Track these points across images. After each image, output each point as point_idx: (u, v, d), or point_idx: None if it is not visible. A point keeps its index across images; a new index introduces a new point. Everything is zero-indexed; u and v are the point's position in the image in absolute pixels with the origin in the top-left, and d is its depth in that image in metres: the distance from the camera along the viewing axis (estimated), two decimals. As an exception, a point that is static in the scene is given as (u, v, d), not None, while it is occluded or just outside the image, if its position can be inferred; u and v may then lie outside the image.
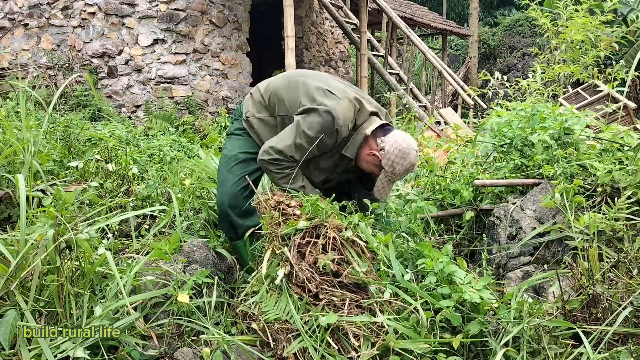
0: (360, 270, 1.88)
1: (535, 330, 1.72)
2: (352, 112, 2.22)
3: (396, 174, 2.22)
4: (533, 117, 2.82)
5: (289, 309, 1.84)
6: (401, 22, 8.77)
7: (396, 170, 2.20)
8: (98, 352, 1.59)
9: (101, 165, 3.32)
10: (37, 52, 6.96)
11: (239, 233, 2.40)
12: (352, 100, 2.23)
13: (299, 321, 1.79)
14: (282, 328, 1.83)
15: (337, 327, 1.77)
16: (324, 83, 2.30)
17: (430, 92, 11.52)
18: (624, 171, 2.28)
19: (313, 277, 1.86)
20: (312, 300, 1.85)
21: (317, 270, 1.87)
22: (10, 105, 4.08)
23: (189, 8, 6.63)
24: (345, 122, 2.19)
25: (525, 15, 13.39)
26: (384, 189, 2.28)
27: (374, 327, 1.77)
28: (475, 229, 2.78)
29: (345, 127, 2.20)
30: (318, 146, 2.20)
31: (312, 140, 2.18)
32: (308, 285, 1.84)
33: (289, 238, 1.96)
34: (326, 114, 2.17)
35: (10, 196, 2.61)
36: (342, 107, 2.20)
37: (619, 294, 1.77)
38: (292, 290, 1.88)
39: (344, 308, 1.81)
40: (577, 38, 4.56)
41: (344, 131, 2.20)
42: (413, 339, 1.72)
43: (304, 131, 2.18)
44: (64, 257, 1.73)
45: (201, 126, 6.40)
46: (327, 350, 1.73)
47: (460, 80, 8.83)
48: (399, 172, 2.21)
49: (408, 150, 2.18)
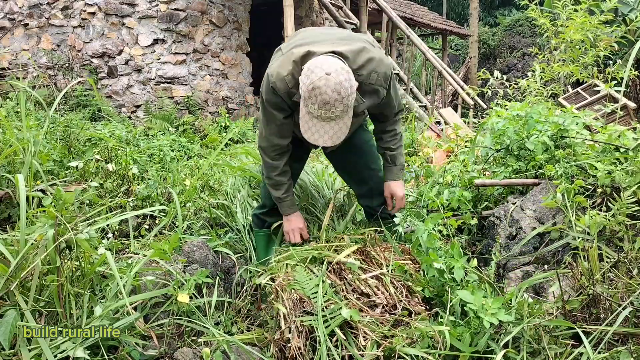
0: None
1: (535, 330, 1.72)
2: (289, 66, 1.94)
3: (309, 106, 1.82)
4: (528, 122, 2.81)
5: (317, 288, 1.86)
6: (401, 22, 8.77)
7: (309, 103, 1.81)
8: (98, 352, 1.59)
9: (101, 165, 3.32)
10: (37, 52, 6.96)
11: (267, 222, 2.44)
12: (293, 54, 1.96)
13: (320, 299, 1.81)
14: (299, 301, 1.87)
15: (350, 324, 1.79)
16: (294, 40, 2.08)
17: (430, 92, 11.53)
18: (624, 172, 2.28)
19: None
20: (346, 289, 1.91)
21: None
22: (10, 105, 4.08)
23: (189, 8, 6.63)
24: (280, 77, 1.94)
25: (525, 15, 13.39)
26: (307, 125, 1.87)
27: (387, 334, 1.77)
28: (475, 232, 2.77)
29: (281, 81, 1.94)
30: (278, 107, 2.01)
31: (265, 110, 2.04)
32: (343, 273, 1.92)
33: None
34: (265, 77, 2.02)
35: (10, 196, 2.61)
36: (278, 64, 1.97)
37: (619, 294, 1.77)
38: (330, 277, 1.94)
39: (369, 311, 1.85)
40: (576, 38, 4.56)
41: (280, 87, 1.95)
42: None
43: (261, 108, 2.08)
44: (64, 257, 1.73)
45: (201, 126, 6.40)
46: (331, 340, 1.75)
47: (460, 80, 8.83)
48: (312, 104, 1.80)
49: (319, 82, 1.76)
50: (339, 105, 1.79)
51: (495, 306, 1.74)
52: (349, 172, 2.46)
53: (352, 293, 1.91)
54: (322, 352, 1.70)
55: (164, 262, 2.02)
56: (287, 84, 1.95)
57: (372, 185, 2.42)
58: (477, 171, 3.00)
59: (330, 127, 1.85)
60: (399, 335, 1.74)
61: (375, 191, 2.42)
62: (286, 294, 1.88)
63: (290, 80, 1.94)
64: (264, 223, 2.47)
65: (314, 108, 1.80)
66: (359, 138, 2.41)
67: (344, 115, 1.85)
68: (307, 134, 1.88)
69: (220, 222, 2.81)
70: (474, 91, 6.03)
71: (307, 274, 1.96)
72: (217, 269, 2.37)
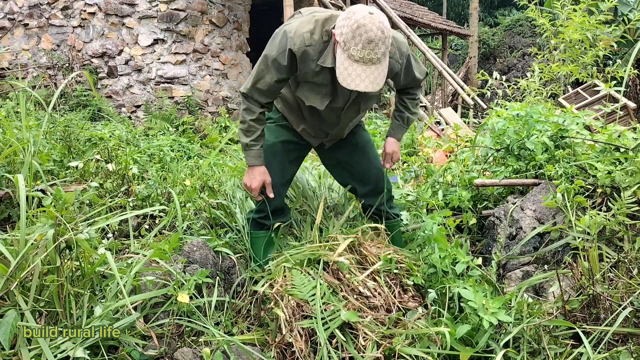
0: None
1: (535, 330, 1.72)
2: (311, 25, 2.01)
3: (352, 48, 1.83)
4: (528, 122, 2.81)
5: (315, 291, 1.87)
6: (401, 22, 8.77)
7: (352, 45, 1.82)
8: (98, 352, 1.59)
9: (101, 165, 3.32)
10: (37, 52, 6.96)
11: (265, 225, 2.43)
12: (315, 16, 2.04)
13: (319, 302, 1.81)
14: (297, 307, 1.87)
15: (350, 325, 1.80)
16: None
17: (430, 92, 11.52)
18: (624, 172, 2.28)
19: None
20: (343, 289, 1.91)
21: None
22: (10, 105, 4.08)
23: (189, 8, 6.63)
24: (298, 32, 1.98)
25: (525, 15, 13.39)
26: (346, 71, 1.88)
27: (386, 334, 1.78)
28: (475, 232, 2.78)
29: (299, 36, 1.98)
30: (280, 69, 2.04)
31: (264, 65, 2.05)
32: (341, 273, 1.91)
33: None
34: (278, 34, 2.07)
35: (10, 196, 2.61)
36: (298, 22, 2.02)
37: (619, 294, 1.77)
38: (327, 278, 1.94)
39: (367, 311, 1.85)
40: (575, 38, 4.57)
41: (297, 42, 1.98)
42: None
43: (259, 63, 2.10)
44: (64, 257, 1.73)
45: (201, 126, 6.41)
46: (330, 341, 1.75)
47: (460, 80, 8.83)
48: (356, 45, 1.82)
49: (364, 21, 1.80)
50: (382, 46, 1.82)
51: (495, 306, 1.75)
52: (352, 172, 2.46)
53: (351, 293, 1.91)
54: (322, 354, 1.71)
55: (164, 262, 2.02)
56: (305, 41, 1.98)
57: (375, 184, 2.44)
58: (477, 171, 3.00)
59: (371, 71, 1.86)
60: (399, 335, 1.75)
61: (378, 189, 2.45)
62: (284, 301, 1.88)
63: (308, 38, 1.98)
64: (262, 226, 2.45)
65: (356, 49, 1.81)
66: (362, 137, 2.44)
67: (383, 60, 1.88)
68: (347, 80, 1.87)
69: (220, 222, 2.81)
70: (473, 91, 6.03)
71: (304, 277, 1.96)
72: (217, 269, 2.36)
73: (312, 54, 2.01)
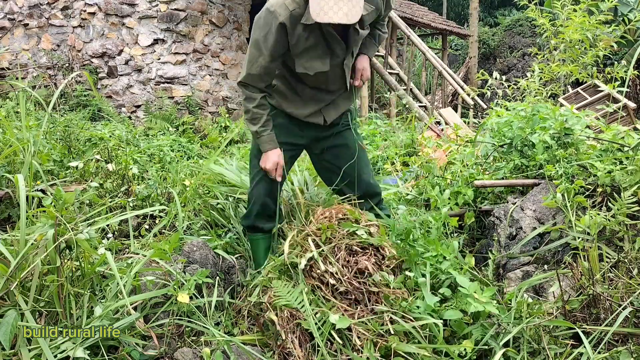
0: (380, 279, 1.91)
1: (535, 331, 1.72)
2: None
3: None
4: (533, 118, 2.82)
5: (301, 297, 1.86)
6: (401, 22, 8.77)
7: None
8: (98, 352, 1.59)
9: (101, 165, 3.32)
10: (37, 52, 6.96)
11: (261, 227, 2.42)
12: None
13: (308, 308, 1.81)
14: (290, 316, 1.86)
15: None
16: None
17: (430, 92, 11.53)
18: (624, 171, 2.28)
19: (340, 271, 1.91)
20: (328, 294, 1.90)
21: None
22: (10, 105, 4.08)
23: (189, 8, 6.63)
24: (279, 3, 2.04)
25: (525, 15, 13.38)
26: (318, 6, 1.90)
27: (381, 332, 1.77)
28: (475, 229, 2.78)
29: (281, 6, 2.04)
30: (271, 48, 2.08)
31: (255, 48, 2.10)
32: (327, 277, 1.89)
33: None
34: (261, 14, 2.10)
35: (10, 196, 2.61)
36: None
37: (619, 294, 1.77)
38: (307, 281, 1.92)
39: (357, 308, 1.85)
40: (575, 38, 4.57)
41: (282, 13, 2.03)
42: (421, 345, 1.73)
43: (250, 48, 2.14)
44: (64, 257, 1.73)
45: (201, 126, 6.41)
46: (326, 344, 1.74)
47: (460, 80, 8.83)
48: None
49: None
50: None
51: (486, 295, 1.77)
52: (342, 175, 2.46)
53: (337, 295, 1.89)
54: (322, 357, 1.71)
55: (164, 262, 2.02)
56: (288, 7, 2.03)
57: (365, 190, 2.44)
58: (477, 169, 3.00)
59: (344, 3, 1.89)
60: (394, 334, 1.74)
61: (368, 194, 2.45)
62: (276, 311, 1.88)
63: (290, 4, 2.03)
64: (258, 229, 2.44)
65: None
66: (354, 142, 2.44)
67: None
68: (320, 14, 1.90)
69: (220, 223, 2.81)
70: (473, 91, 6.04)
71: (286, 286, 1.94)
72: (217, 269, 2.36)
73: (299, 18, 2.05)
